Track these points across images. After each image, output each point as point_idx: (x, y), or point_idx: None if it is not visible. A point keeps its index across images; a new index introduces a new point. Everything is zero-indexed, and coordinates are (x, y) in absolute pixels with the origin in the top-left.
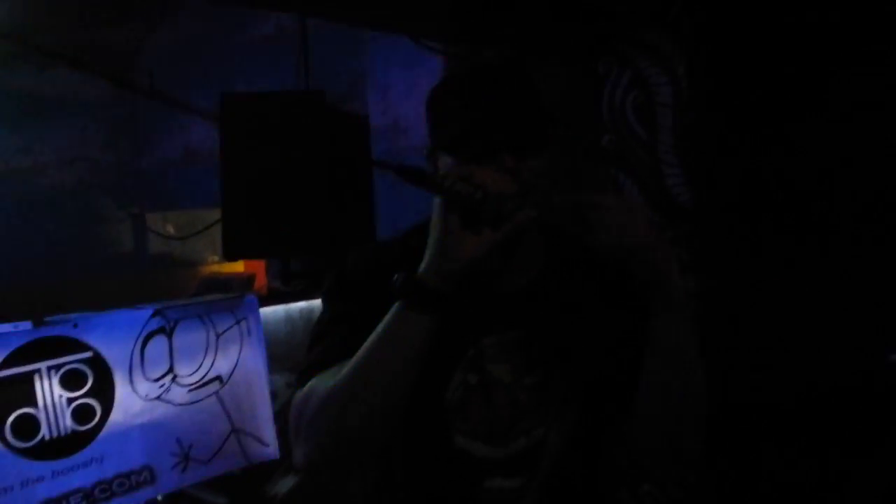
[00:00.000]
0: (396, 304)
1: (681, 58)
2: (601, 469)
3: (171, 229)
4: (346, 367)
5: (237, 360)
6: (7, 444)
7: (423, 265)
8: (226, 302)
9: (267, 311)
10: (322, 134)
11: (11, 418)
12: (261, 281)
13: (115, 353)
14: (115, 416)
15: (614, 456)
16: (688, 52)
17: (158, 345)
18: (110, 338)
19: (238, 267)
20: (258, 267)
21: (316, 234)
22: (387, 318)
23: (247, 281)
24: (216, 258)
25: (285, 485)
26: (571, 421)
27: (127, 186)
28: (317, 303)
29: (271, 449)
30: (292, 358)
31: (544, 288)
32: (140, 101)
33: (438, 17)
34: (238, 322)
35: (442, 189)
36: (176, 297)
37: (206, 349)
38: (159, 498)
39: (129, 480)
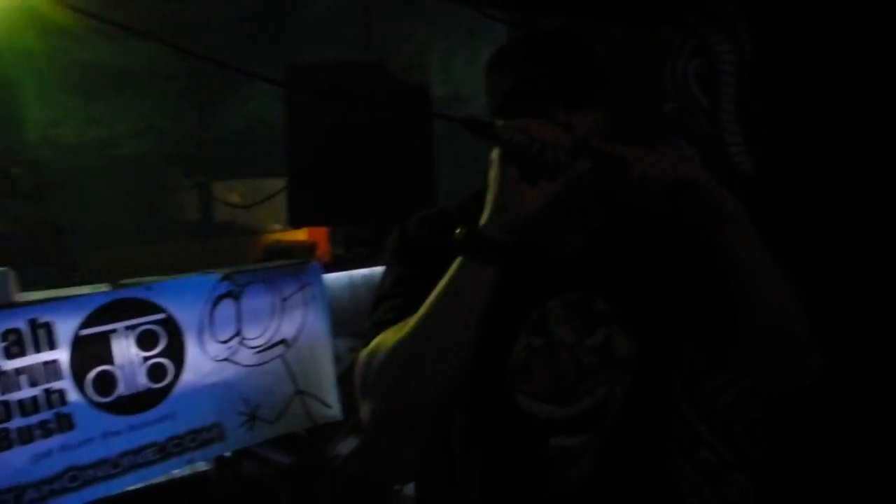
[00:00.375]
0: (459, 259)
1: (745, 25)
2: (660, 426)
3: (235, 198)
4: (410, 323)
5: (301, 324)
6: (88, 399)
7: (483, 218)
8: (291, 268)
9: (330, 278)
10: (384, 103)
11: (92, 375)
12: (323, 248)
13: (186, 315)
14: (187, 375)
15: (672, 414)
16: (752, 19)
17: (227, 308)
18: (181, 301)
19: (300, 235)
20: (321, 235)
21: (379, 202)
22: (449, 272)
23: (309, 248)
24: (279, 226)
25: (347, 446)
26: (633, 379)
27: (194, 156)
28: (379, 270)
29: (334, 410)
30: (355, 323)
31: (603, 249)
32: (207, 73)
33: None
34: (303, 287)
35: (501, 139)
36: (240, 264)
37: (272, 313)
38: (228, 454)
39: (200, 436)
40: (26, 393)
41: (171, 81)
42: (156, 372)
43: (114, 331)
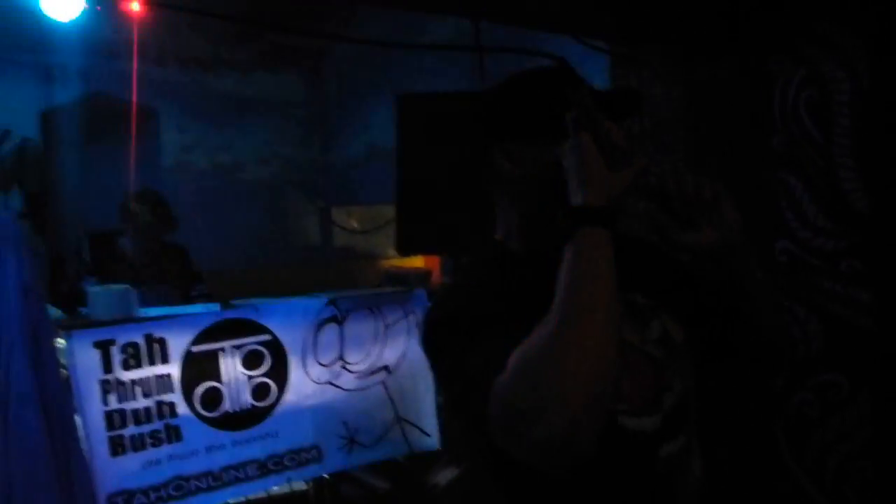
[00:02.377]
0: (574, 237)
1: (862, 52)
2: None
3: (353, 223)
4: (544, 325)
5: (404, 352)
6: (196, 413)
7: (578, 197)
8: (396, 295)
9: None
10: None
11: (200, 390)
12: (437, 276)
13: (290, 337)
14: (289, 396)
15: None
16: (870, 46)
17: (330, 332)
18: (287, 323)
19: (418, 262)
20: (435, 263)
21: (486, 233)
22: (568, 256)
23: (424, 275)
24: (393, 252)
25: (446, 476)
26: (692, 365)
27: (316, 182)
28: None
29: (432, 440)
30: None
31: (622, 248)
32: (330, 101)
33: (604, 17)
34: (406, 315)
35: (599, 128)
36: (359, 288)
37: (375, 339)
38: (326, 476)
39: (299, 457)
40: (140, 403)
41: (295, 109)
42: (260, 391)
43: (222, 349)
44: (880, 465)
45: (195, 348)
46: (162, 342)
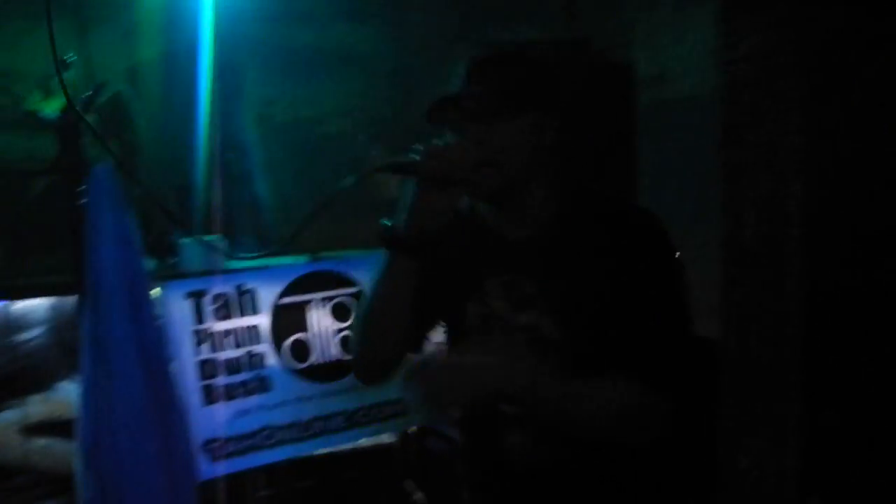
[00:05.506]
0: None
1: None
2: None
3: None
4: (364, 301)
5: None
6: (285, 364)
7: (398, 218)
8: None
9: None
10: (587, 84)
11: (289, 341)
12: None
13: None
14: None
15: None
16: None
17: None
18: None
19: None
20: None
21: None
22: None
23: None
24: None
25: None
26: (560, 359)
27: (395, 137)
28: None
29: None
30: None
31: (547, 238)
32: (412, 53)
33: None
34: None
35: (417, 172)
36: None
37: None
38: (412, 429)
39: (386, 410)
40: (231, 353)
41: (376, 62)
42: (347, 344)
43: (310, 301)
44: None
45: (284, 300)
46: (252, 293)
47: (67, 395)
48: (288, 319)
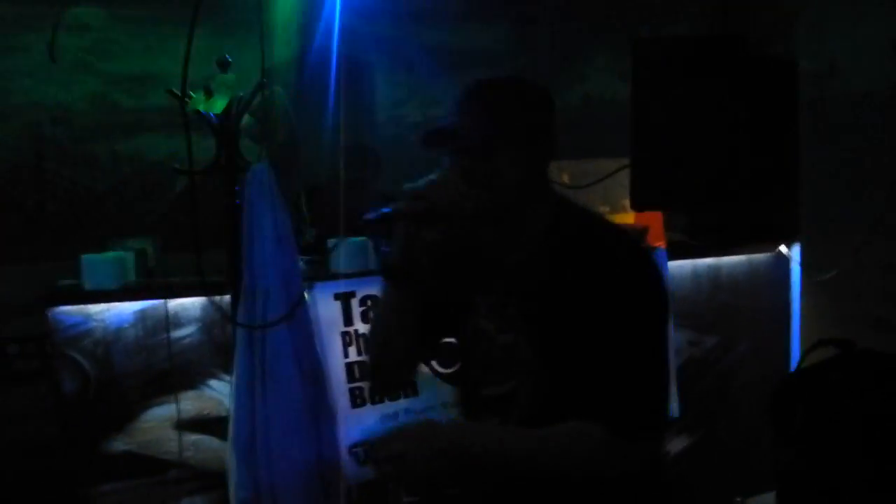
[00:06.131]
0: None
1: None
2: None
3: (565, 178)
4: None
5: None
6: (432, 368)
7: (391, 251)
8: None
9: (673, 266)
10: (740, 80)
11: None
12: (658, 233)
13: None
14: None
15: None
16: None
17: None
18: None
19: (628, 218)
20: (653, 219)
21: (730, 186)
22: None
23: (639, 233)
24: (607, 208)
25: (677, 445)
26: (536, 381)
27: None
28: (725, 260)
29: (672, 405)
30: (696, 315)
31: (533, 263)
32: (541, 51)
33: None
34: None
35: (400, 217)
36: None
37: None
38: None
39: None
40: None
41: (506, 60)
42: None
43: None
44: None
45: None
46: None
47: (218, 392)
48: None
